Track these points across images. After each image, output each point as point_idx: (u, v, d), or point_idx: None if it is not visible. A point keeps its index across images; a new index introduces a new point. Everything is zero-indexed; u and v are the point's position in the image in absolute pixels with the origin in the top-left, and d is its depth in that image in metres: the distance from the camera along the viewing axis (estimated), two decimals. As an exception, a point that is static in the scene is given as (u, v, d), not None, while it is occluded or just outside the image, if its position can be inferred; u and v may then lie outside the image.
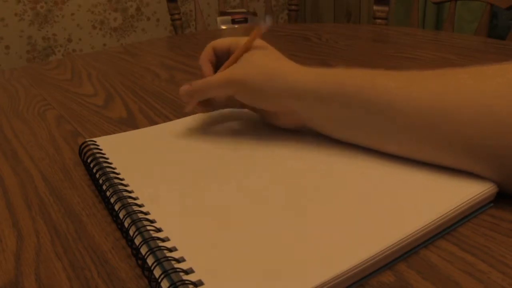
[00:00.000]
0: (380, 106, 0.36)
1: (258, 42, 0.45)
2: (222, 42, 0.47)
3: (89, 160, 0.42)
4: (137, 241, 0.30)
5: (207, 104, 0.48)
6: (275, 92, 0.41)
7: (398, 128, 0.36)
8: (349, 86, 0.38)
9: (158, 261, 0.27)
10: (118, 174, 0.38)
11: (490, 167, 0.33)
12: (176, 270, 0.26)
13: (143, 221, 0.31)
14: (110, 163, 0.40)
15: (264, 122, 0.47)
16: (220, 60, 0.47)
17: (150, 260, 0.28)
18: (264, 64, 0.42)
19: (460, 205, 0.31)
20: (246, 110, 0.50)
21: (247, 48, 0.44)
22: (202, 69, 0.47)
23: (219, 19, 1.61)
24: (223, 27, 1.59)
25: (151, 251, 0.28)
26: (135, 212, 0.32)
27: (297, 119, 0.42)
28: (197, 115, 0.53)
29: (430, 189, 0.33)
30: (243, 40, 0.45)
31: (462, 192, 0.32)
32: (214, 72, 0.46)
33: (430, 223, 0.30)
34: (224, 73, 0.43)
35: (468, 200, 0.32)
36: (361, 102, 0.37)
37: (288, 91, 0.40)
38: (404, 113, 0.35)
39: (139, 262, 0.29)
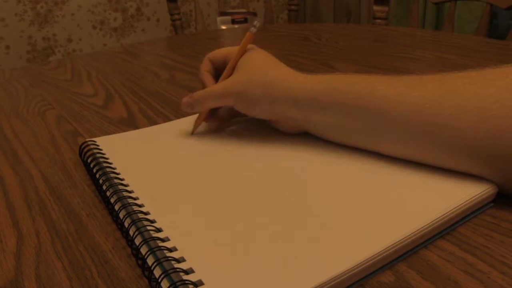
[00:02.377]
0: (379, 113, 0.36)
1: (254, 48, 0.45)
2: (217, 53, 0.47)
3: (89, 160, 0.42)
4: (137, 241, 0.30)
5: (214, 118, 0.47)
6: (273, 100, 0.41)
7: (398, 134, 0.36)
8: (348, 94, 0.38)
9: (158, 261, 0.27)
10: (118, 174, 0.38)
11: (491, 170, 0.33)
12: (176, 270, 0.26)
13: (143, 221, 0.31)
14: (110, 163, 0.40)
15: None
16: (218, 71, 0.47)
17: (150, 260, 0.28)
18: (262, 73, 0.42)
19: (460, 205, 0.31)
20: None
21: (242, 54, 0.44)
22: (203, 80, 0.47)
23: (219, 19, 1.61)
24: (223, 27, 1.59)
25: (151, 251, 0.28)
26: (135, 212, 0.32)
27: (297, 125, 0.43)
28: (197, 115, 0.53)
29: (430, 189, 0.33)
30: (237, 49, 0.45)
31: (462, 192, 0.32)
32: (215, 83, 0.46)
33: (430, 223, 0.30)
34: (223, 84, 0.43)
35: (468, 200, 0.32)
36: (360, 109, 0.37)
37: (287, 100, 0.40)
38: (403, 119, 0.35)
39: (139, 262, 0.29)
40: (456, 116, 0.33)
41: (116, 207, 0.34)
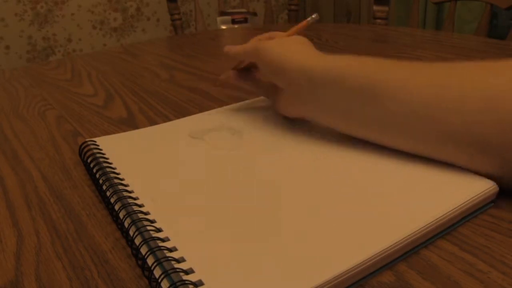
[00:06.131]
0: (384, 95, 0.36)
1: (299, 36, 0.49)
2: (263, 35, 0.52)
3: (89, 160, 0.41)
4: (137, 241, 0.30)
5: (240, 77, 0.53)
6: (283, 67, 0.43)
7: (401, 118, 0.35)
8: (357, 72, 0.38)
9: (158, 261, 0.27)
10: (118, 174, 0.38)
11: (492, 161, 0.32)
12: (176, 270, 0.26)
13: (143, 221, 0.31)
14: (110, 163, 0.40)
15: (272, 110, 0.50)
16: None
17: (150, 260, 0.28)
18: (291, 47, 0.45)
19: (460, 205, 0.31)
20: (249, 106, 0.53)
21: (289, 35, 0.50)
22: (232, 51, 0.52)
23: (219, 19, 1.61)
24: (223, 27, 1.59)
25: (151, 251, 0.28)
26: (135, 212, 0.32)
27: (299, 102, 0.44)
28: (197, 115, 0.53)
29: (430, 189, 0.33)
30: (284, 33, 0.51)
31: (462, 192, 0.32)
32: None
33: (430, 223, 0.30)
34: (253, 41, 0.50)
35: (468, 200, 0.32)
36: (365, 90, 0.37)
37: (297, 67, 0.42)
38: (407, 103, 0.35)
39: (139, 262, 0.29)
40: (460, 101, 0.32)
41: (116, 207, 0.34)
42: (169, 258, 0.27)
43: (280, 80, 0.45)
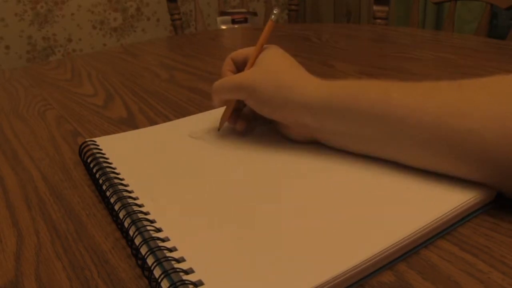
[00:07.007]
0: (395, 121, 0.35)
1: (274, 47, 0.45)
2: (239, 52, 0.47)
3: (89, 160, 0.42)
4: (137, 241, 0.30)
5: (239, 119, 0.46)
6: (283, 102, 0.40)
7: (415, 144, 0.34)
8: (363, 101, 0.36)
9: (158, 261, 0.27)
10: (118, 174, 0.38)
11: (505, 178, 0.32)
12: (176, 270, 0.26)
13: (143, 221, 0.31)
14: (110, 163, 0.40)
15: (280, 134, 0.45)
16: (240, 70, 0.47)
17: (150, 260, 0.28)
18: (275, 71, 0.41)
19: (460, 205, 0.31)
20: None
21: (262, 46, 0.44)
22: (223, 76, 0.46)
23: (219, 19, 1.61)
24: (223, 27, 1.59)
25: (151, 251, 0.28)
26: (135, 212, 0.32)
27: (308, 132, 0.41)
28: (197, 115, 0.53)
29: (430, 190, 0.33)
30: (257, 42, 0.45)
31: (462, 193, 0.32)
32: None
33: (430, 223, 0.30)
34: (236, 77, 0.43)
35: (468, 200, 0.32)
36: (375, 117, 0.36)
37: (299, 104, 0.39)
38: (420, 129, 0.34)
39: (139, 262, 0.29)
40: (476, 131, 0.31)
41: (116, 207, 0.34)
42: (169, 258, 0.27)
43: (276, 117, 0.42)
